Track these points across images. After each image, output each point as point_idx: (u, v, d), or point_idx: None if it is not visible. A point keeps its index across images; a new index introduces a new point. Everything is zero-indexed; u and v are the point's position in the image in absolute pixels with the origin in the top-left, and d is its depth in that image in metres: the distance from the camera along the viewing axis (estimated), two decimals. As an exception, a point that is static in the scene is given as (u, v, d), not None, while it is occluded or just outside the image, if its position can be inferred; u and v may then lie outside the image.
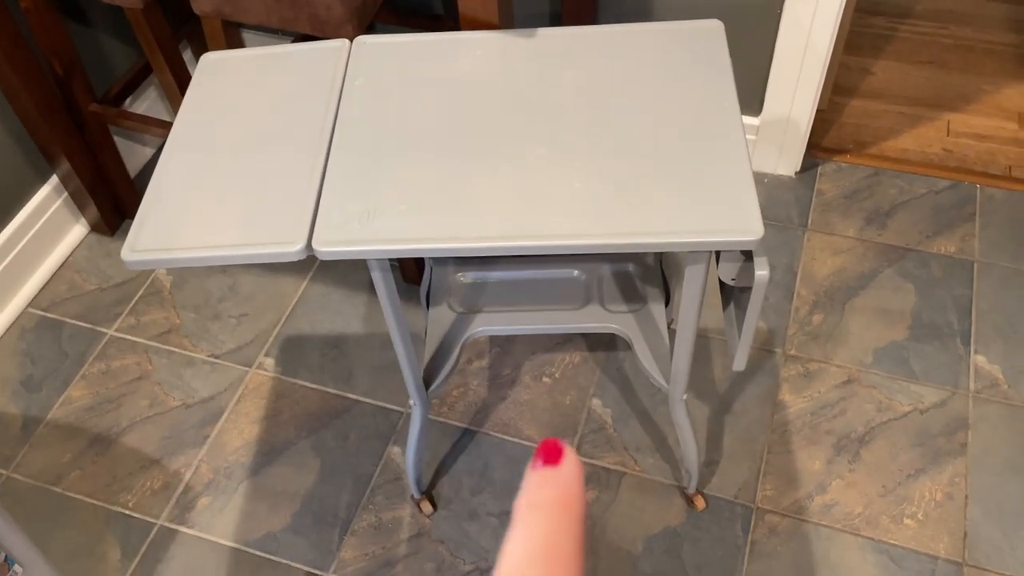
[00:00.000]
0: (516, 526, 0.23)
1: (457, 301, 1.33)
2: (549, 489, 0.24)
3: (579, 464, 0.25)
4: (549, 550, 0.21)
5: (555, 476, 0.24)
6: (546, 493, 0.24)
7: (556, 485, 0.24)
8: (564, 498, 0.24)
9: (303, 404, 1.57)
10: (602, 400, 1.55)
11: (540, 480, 0.24)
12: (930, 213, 1.77)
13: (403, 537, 1.40)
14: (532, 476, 0.25)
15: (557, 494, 0.24)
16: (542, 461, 0.25)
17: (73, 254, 1.82)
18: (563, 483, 0.24)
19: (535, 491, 0.24)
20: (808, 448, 1.46)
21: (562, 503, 0.23)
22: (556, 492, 0.24)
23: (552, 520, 0.23)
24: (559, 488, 0.24)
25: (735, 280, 0.98)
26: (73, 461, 1.51)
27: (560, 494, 0.24)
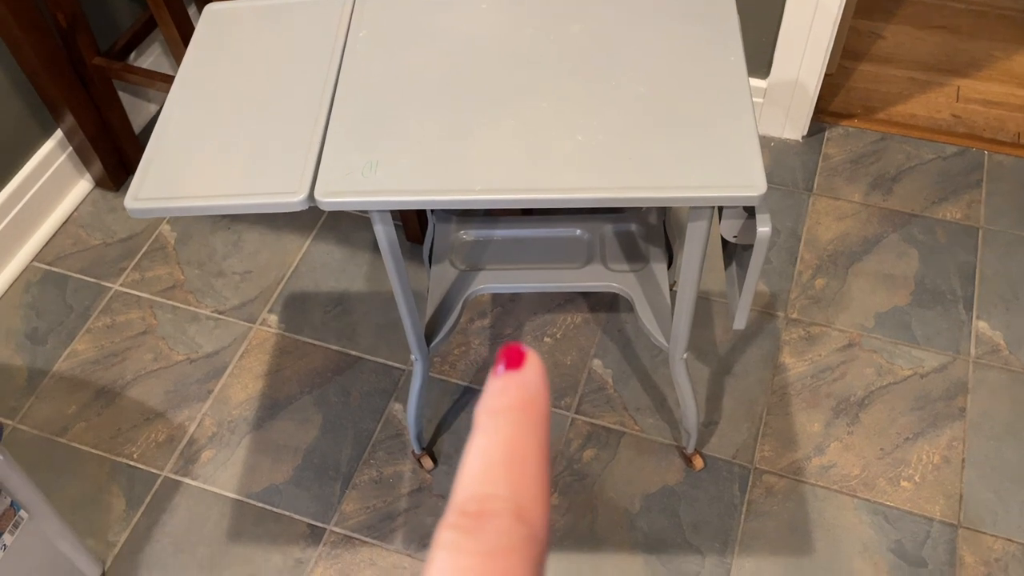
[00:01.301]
0: (476, 434, 0.22)
1: (459, 258, 1.33)
2: (510, 393, 0.22)
3: (541, 367, 0.23)
4: (512, 455, 0.20)
5: (516, 379, 0.22)
6: (506, 397, 0.22)
7: (517, 388, 0.22)
8: (525, 401, 0.22)
9: (306, 360, 1.58)
10: (603, 361, 1.55)
11: (501, 385, 0.23)
12: (937, 179, 1.76)
13: (404, 492, 1.42)
14: (493, 381, 0.23)
15: (518, 397, 0.22)
16: (504, 366, 0.23)
17: (78, 209, 1.83)
18: (524, 386, 0.22)
19: (495, 396, 0.22)
20: (807, 411, 1.46)
21: (523, 406, 0.22)
22: (517, 395, 0.22)
23: (513, 424, 0.21)
24: (520, 391, 0.22)
25: (737, 238, 0.98)
26: (78, 413, 1.52)
27: (521, 396, 0.22)
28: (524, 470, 0.19)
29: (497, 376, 0.23)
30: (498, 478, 0.19)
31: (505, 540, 0.17)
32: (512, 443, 0.20)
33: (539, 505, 0.18)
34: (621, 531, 1.36)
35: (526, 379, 0.22)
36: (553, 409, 1.49)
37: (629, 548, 1.34)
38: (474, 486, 0.18)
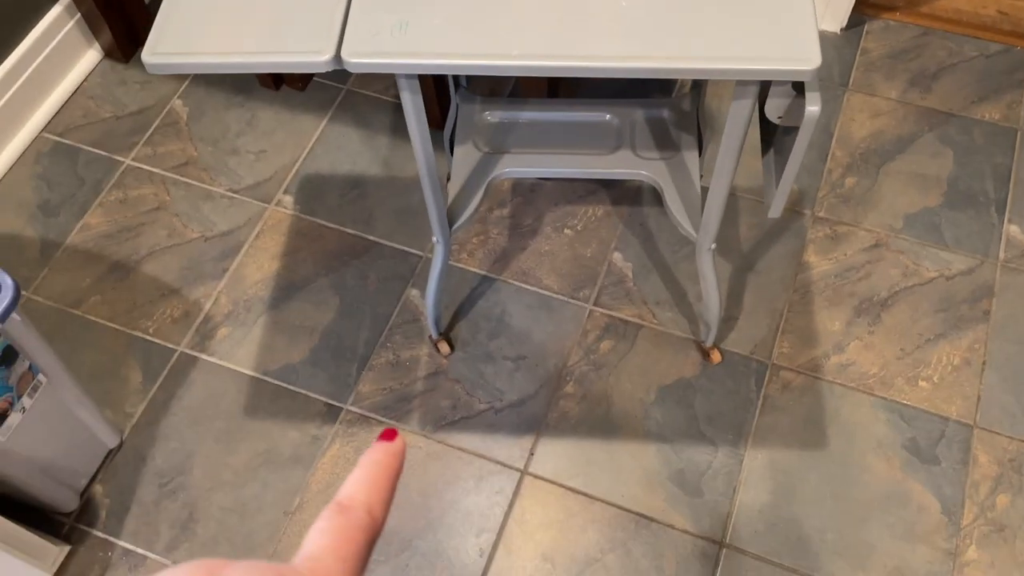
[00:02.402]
0: (359, 465, 0.31)
1: (483, 141, 1.29)
2: (380, 451, 0.32)
3: (403, 445, 0.33)
4: (375, 480, 0.31)
5: (386, 447, 0.32)
6: (378, 453, 0.32)
7: (385, 450, 0.32)
8: (391, 456, 0.32)
9: (322, 243, 1.56)
10: (623, 254, 1.53)
11: (377, 447, 0.32)
12: (978, 78, 1.70)
13: (420, 375, 1.42)
14: (375, 445, 0.33)
15: (385, 454, 0.32)
16: (380, 439, 0.33)
17: (87, 80, 1.77)
18: (393, 451, 0.32)
19: (374, 451, 0.32)
20: (829, 309, 1.45)
21: (388, 459, 0.32)
22: (384, 453, 0.32)
23: (378, 466, 0.31)
24: (388, 452, 0.32)
25: (782, 118, 0.94)
26: (93, 286, 1.51)
27: (388, 454, 0.32)
28: (378, 489, 0.31)
29: (376, 444, 0.32)
30: (362, 491, 0.30)
31: (355, 522, 0.29)
32: (375, 475, 0.31)
33: (382, 508, 0.30)
34: (635, 420, 1.36)
35: (395, 447, 0.32)
36: (571, 300, 1.48)
37: (643, 437, 1.35)
38: (348, 491, 0.30)
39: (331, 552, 0.28)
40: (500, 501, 1.30)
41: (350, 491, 0.30)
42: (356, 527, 0.29)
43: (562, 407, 1.38)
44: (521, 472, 1.32)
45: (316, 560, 0.27)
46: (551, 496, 1.30)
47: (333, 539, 0.28)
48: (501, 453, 1.34)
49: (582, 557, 1.26)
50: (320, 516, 0.29)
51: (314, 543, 0.28)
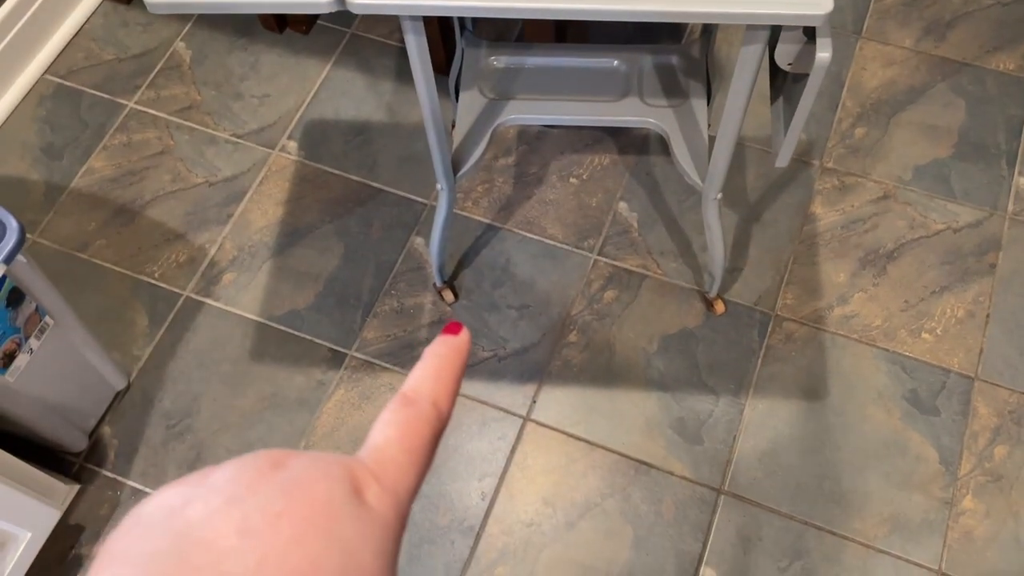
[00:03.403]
0: (424, 358, 0.31)
1: (489, 87, 1.28)
2: (448, 344, 0.31)
3: (468, 336, 0.31)
4: (439, 373, 0.30)
5: (452, 341, 0.31)
6: (445, 347, 0.31)
7: (451, 344, 0.31)
8: (456, 349, 0.31)
9: (326, 189, 1.55)
10: (629, 204, 1.52)
11: (443, 340, 0.31)
12: (994, 26, 1.66)
13: (424, 322, 1.42)
14: (440, 338, 0.31)
15: (453, 347, 0.31)
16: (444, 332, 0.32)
17: (89, 21, 1.75)
18: (458, 344, 0.31)
19: (439, 344, 0.31)
20: (834, 261, 1.44)
21: (455, 352, 0.31)
22: (452, 345, 0.31)
23: (445, 358, 0.30)
24: (454, 345, 0.31)
25: (792, 65, 0.92)
26: (98, 230, 1.52)
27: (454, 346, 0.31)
28: (443, 382, 0.30)
29: (441, 337, 0.31)
30: (427, 383, 0.29)
31: (421, 414, 0.28)
32: (439, 368, 0.30)
33: (448, 401, 0.29)
34: (637, 369, 1.37)
35: (459, 341, 0.31)
36: (575, 250, 1.47)
37: (644, 385, 1.36)
38: (413, 384, 0.29)
39: (396, 443, 0.27)
40: (502, 447, 1.32)
41: (415, 384, 0.29)
42: (422, 419, 0.28)
43: (565, 355, 1.39)
44: (523, 419, 1.34)
45: (381, 451, 0.26)
46: (553, 442, 1.32)
47: (398, 430, 0.27)
48: (504, 400, 1.35)
49: (582, 502, 1.28)
50: (385, 408, 0.28)
51: (379, 434, 0.27)
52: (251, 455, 0.24)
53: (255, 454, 0.24)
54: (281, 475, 0.23)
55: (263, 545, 0.21)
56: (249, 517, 0.22)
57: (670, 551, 1.24)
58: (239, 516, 0.22)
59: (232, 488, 0.23)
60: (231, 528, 0.21)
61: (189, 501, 0.22)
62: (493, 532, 1.26)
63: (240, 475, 0.23)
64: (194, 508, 0.22)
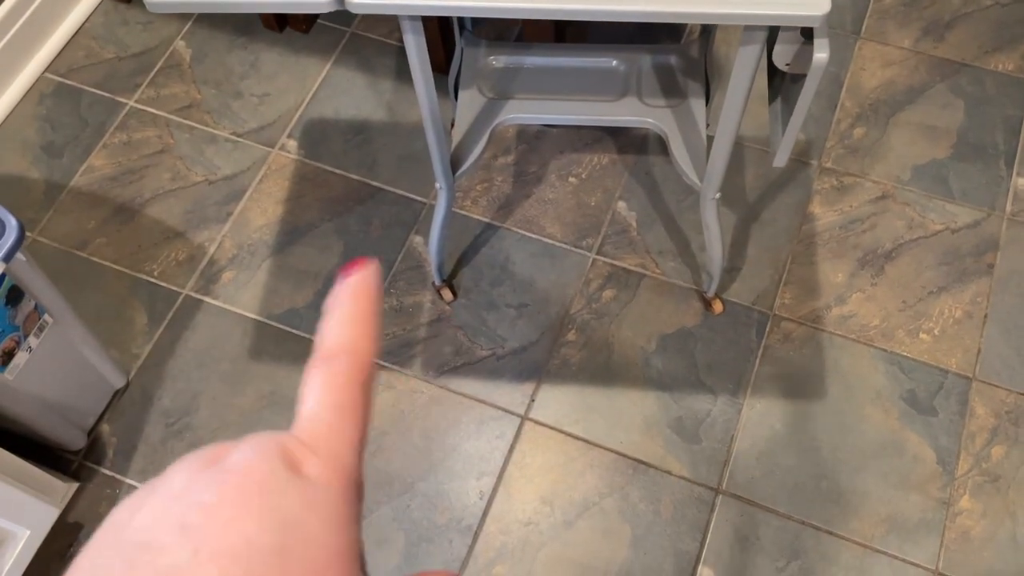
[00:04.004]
0: (330, 308, 0.29)
1: (488, 86, 1.28)
2: (352, 285, 0.29)
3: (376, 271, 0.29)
4: (353, 318, 0.28)
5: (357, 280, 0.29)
6: (350, 289, 0.29)
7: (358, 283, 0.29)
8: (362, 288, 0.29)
9: (326, 188, 1.55)
10: (628, 203, 1.52)
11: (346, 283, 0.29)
12: (993, 27, 1.67)
13: (423, 321, 1.43)
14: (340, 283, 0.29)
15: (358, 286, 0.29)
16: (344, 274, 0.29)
17: (89, 20, 1.75)
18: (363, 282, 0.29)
19: (342, 289, 0.29)
20: (832, 261, 1.45)
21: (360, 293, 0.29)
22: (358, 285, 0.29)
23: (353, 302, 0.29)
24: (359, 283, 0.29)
25: (790, 65, 0.92)
26: (98, 228, 1.52)
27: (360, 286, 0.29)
28: (355, 327, 0.28)
29: (338, 283, 0.29)
30: (338, 334, 0.28)
31: (341, 367, 0.27)
32: (346, 314, 0.28)
33: (365, 344, 0.28)
34: (636, 368, 1.37)
35: (360, 279, 0.29)
36: (574, 249, 1.48)
37: (643, 385, 1.36)
38: (324, 339, 0.28)
39: (325, 407, 0.26)
40: (500, 446, 1.32)
41: (329, 337, 0.27)
42: (343, 373, 0.27)
43: (563, 354, 1.39)
44: (522, 417, 1.34)
45: (311, 420, 0.26)
46: (551, 441, 1.32)
47: (322, 393, 0.26)
48: (502, 399, 1.35)
49: (580, 501, 1.28)
50: (305, 372, 0.27)
51: (306, 402, 0.26)
52: (192, 453, 0.24)
53: (196, 452, 0.24)
54: (217, 467, 0.24)
55: (198, 535, 0.22)
56: (187, 513, 0.22)
57: (668, 550, 1.24)
58: (178, 514, 0.22)
59: (171, 489, 0.23)
60: (170, 527, 0.22)
61: (136, 510, 0.23)
62: (491, 531, 1.26)
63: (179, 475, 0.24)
64: (141, 516, 0.23)
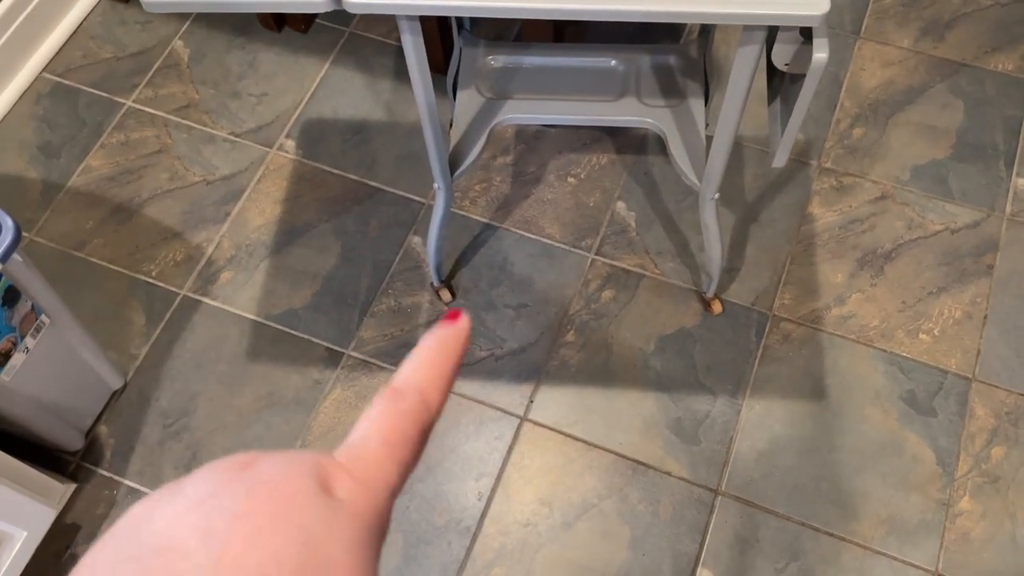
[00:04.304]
0: (418, 347, 0.29)
1: (486, 86, 1.28)
2: (444, 331, 0.30)
3: (468, 324, 0.30)
4: (432, 363, 0.29)
5: (451, 328, 0.30)
6: (443, 332, 0.30)
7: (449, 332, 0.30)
8: (453, 337, 0.30)
9: (324, 188, 1.55)
10: (627, 203, 1.52)
11: (441, 328, 0.30)
12: (993, 27, 1.66)
13: (421, 321, 1.42)
14: (440, 327, 0.30)
15: (449, 335, 0.30)
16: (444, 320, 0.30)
17: (87, 19, 1.74)
18: (456, 332, 0.30)
19: (438, 330, 0.30)
20: (832, 261, 1.44)
21: (451, 341, 0.30)
22: (448, 334, 0.30)
23: (439, 350, 0.29)
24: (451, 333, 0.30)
25: (789, 66, 0.92)
26: (95, 229, 1.51)
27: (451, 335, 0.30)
28: (435, 373, 0.29)
29: (440, 324, 0.30)
30: (417, 374, 0.29)
31: (406, 407, 0.27)
32: (431, 358, 0.29)
33: (438, 393, 0.28)
34: (635, 369, 1.37)
35: (457, 329, 0.30)
36: (573, 249, 1.47)
37: (642, 385, 1.36)
38: (403, 375, 0.29)
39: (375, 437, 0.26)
40: (499, 447, 1.32)
41: (404, 374, 0.28)
42: (406, 412, 0.27)
43: (562, 355, 1.39)
44: (520, 419, 1.34)
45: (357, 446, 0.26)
46: (550, 442, 1.32)
47: (379, 424, 0.26)
48: (501, 400, 1.35)
49: (579, 502, 1.28)
50: (373, 401, 0.27)
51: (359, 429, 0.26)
52: (221, 460, 0.24)
53: (225, 458, 0.24)
54: (247, 475, 0.23)
55: (222, 544, 0.21)
56: (211, 519, 0.22)
57: (667, 552, 1.24)
58: (201, 519, 0.22)
59: (198, 493, 0.23)
60: (193, 532, 0.22)
61: (156, 510, 0.23)
62: (490, 532, 1.26)
63: (207, 480, 0.23)
64: (160, 516, 0.22)
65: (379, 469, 0.26)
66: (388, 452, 0.26)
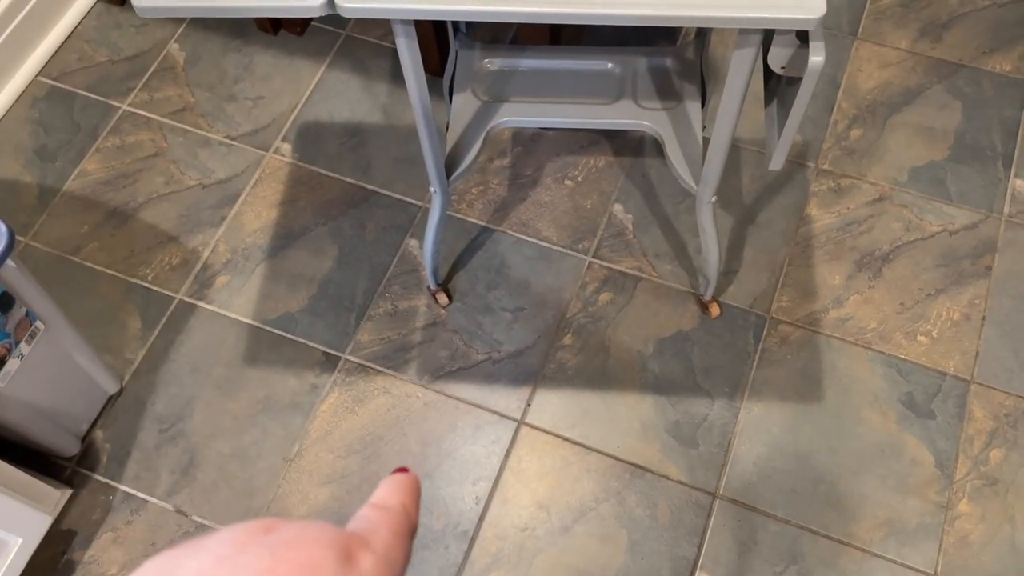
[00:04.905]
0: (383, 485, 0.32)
1: (483, 89, 1.27)
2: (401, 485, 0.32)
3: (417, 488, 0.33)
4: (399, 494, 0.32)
5: (405, 481, 0.33)
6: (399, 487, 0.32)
7: (405, 486, 0.33)
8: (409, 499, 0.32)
9: (320, 191, 1.55)
10: (624, 206, 1.52)
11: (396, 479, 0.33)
12: (990, 27, 1.66)
13: (418, 325, 1.42)
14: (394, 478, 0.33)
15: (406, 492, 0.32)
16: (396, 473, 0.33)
17: (82, 23, 1.74)
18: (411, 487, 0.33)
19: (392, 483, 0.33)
20: (829, 263, 1.44)
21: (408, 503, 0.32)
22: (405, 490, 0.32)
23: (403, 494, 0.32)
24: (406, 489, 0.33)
25: (785, 68, 0.92)
26: (91, 233, 1.51)
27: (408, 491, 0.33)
28: (407, 494, 0.32)
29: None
30: (393, 494, 0.31)
31: (396, 513, 0.30)
32: (399, 483, 0.32)
33: (415, 508, 0.31)
34: (632, 372, 1.37)
35: (411, 475, 0.33)
36: (570, 252, 1.47)
37: (639, 388, 1.35)
38: (380, 494, 0.31)
39: (383, 525, 0.29)
40: (497, 450, 1.31)
41: (382, 494, 0.31)
42: (397, 514, 0.30)
43: (560, 358, 1.38)
44: (518, 422, 1.33)
45: (369, 529, 0.28)
46: (547, 446, 1.32)
47: (380, 516, 0.29)
48: (498, 403, 1.35)
49: (577, 506, 1.27)
50: (359, 513, 0.30)
51: (363, 517, 0.29)
52: (245, 522, 0.25)
53: (246, 522, 0.25)
54: (272, 537, 0.24)
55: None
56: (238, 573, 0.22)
57: (665, 556, 1.23)
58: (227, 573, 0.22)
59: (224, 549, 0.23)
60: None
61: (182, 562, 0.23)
62: (487, 537, 1.26)
63: (232, 537, 0.24)
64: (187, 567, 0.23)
65: (394, 548, 0.28)
66: (396, 540, 0.29)
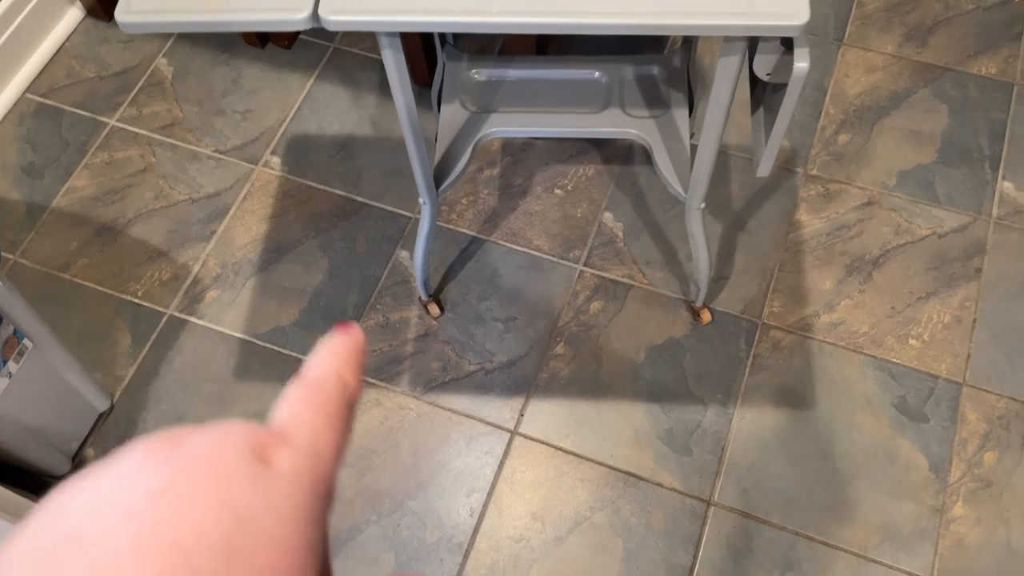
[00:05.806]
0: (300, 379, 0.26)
1: (471, 100, 1.27)
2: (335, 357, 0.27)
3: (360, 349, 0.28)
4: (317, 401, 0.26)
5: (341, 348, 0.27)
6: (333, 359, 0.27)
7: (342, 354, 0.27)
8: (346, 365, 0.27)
9: (310, 204, 1.54)
10: (614, 214, 1.52)
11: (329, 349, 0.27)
12: (975, 31, 1.67)
13: (410, 336, 1.41)
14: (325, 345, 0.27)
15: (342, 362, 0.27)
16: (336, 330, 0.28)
17: (69, 39, 1.74)
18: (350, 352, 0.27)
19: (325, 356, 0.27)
20: (820, 268, 1.44)
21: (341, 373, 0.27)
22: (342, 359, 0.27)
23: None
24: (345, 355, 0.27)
25: (771, 75, 0.92)
26: (80, 249, 1.50)
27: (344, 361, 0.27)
28: (345, 358, 0.27)
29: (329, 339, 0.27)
30: (327, 361, 0.26)
31: (327, 385, 0.25)
32: (338, 347, 0.27)
33: (353, 374, 0.26)
34: (625, 380, 1.36)
35: (354, 333, 0.28)
36: (561, 261, 1.47)
37: (632, 396, 1.35)
38: (312, 364, 0.26)
39: (308, 409, 0.25)
40: (490, 461, 1.31)
41: (314, 363, 0.26)
42: (330, 387, 0.25)
43: (552, 368, 1.38)
44: (511, 432, 1.33)
45: (290, 419, 0.24)
46: (541, 456, 1.31)
47: (306, 398, 0.25)
48: (491, 414, 1.34)
49: (571, 516, 1.27)
50: (287, 391, 0.26)
51: (286, 405, 0.25)
52: (150, 436, 0.22)
53: (154, 435, 0.22)
54: (175, 451, 0.21)
55: (143, 523, 0.19)
56: (133, 498, 0.20)
57: (661, 564, 1.23)
58: (122, 499, 0.20)
59: (122, 472, 0.21)
60: (113, 513, 0.20)
61: (76, 495, 0.21)
62: (482, 548, 1.25)
63: (133, 456, 0.21)
64: (78, 501, 0.20)
65: (321, 435, 0.24)
66: (326, 421, 0.25)
